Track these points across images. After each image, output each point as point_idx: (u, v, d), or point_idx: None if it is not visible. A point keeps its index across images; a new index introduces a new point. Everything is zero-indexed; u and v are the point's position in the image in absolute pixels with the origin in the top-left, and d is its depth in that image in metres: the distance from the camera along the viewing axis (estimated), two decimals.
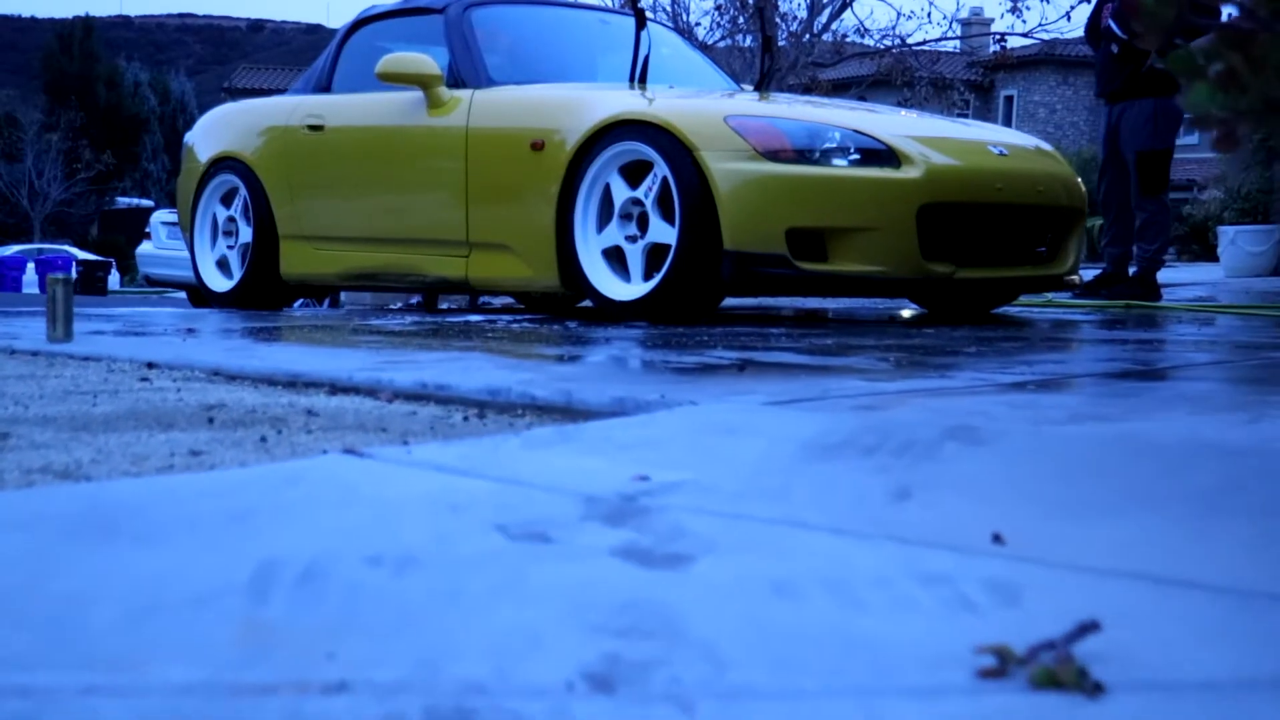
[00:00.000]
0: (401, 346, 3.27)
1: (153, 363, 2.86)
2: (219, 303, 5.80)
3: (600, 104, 4.56)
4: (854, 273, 4.17)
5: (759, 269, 4.15)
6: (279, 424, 2.07)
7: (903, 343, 3.48)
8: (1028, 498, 1.40)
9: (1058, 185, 4.58)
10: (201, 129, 6.19)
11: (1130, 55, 6.54)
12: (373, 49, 5.67)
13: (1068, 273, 4.62)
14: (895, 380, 2.52)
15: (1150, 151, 6.51)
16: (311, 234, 5.49)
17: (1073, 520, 1.30)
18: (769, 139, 4.20)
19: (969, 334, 3.87)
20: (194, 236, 5.94)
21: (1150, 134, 6.52)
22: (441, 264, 5.01)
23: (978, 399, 2.25)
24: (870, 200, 4.16)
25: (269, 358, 2.90)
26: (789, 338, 3.64)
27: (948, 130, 4.67)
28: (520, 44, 5.45)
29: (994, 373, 2.69)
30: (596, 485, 1.44)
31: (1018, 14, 15.78)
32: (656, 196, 4.34)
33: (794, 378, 2.56)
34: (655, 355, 3.03)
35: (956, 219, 4.30)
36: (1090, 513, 1.33)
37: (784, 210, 4.15)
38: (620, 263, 4.49)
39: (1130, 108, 6.59)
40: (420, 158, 5.08)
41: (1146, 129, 6.53)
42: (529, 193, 4.68)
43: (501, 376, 2.50)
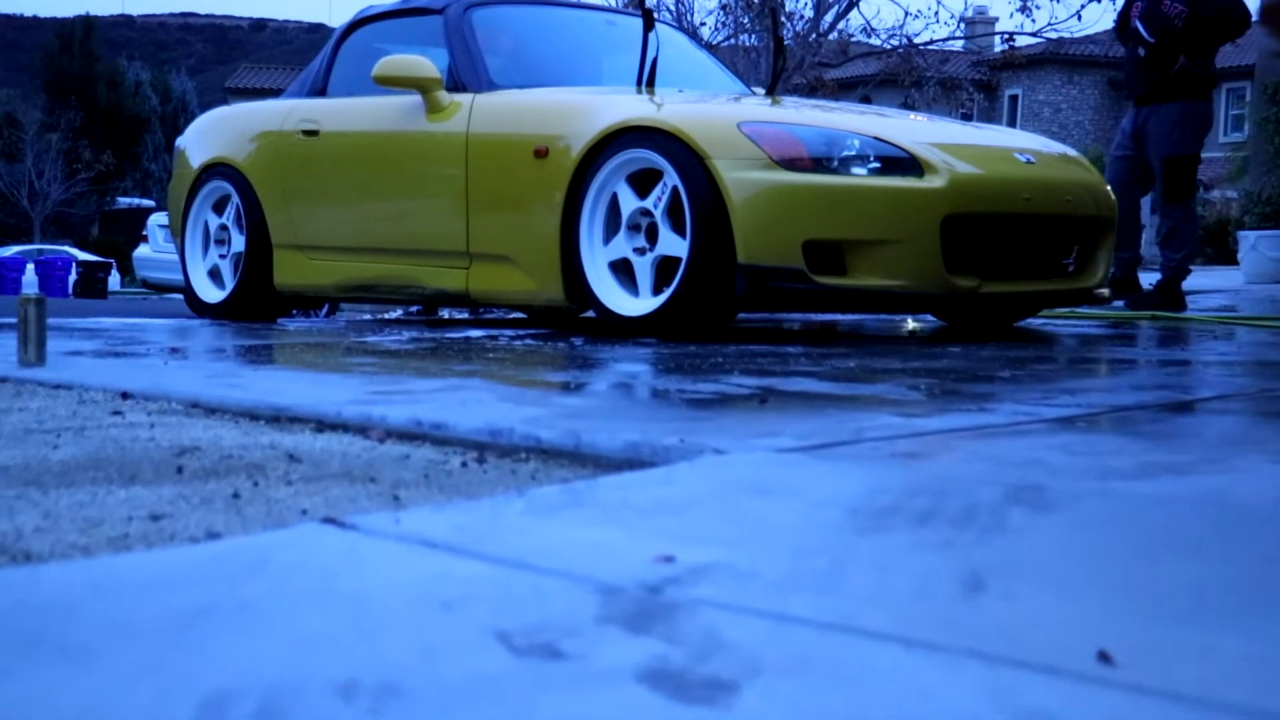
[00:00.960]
0: (397, 371, 3.07)
1: (128, 392, 2.65)
2: (211, 314, 5.60)
3: (607, 109, 4.35)
4: (874, 287, 3.96)
5: (775, 283, 3.95)
6: (256, 473, 1.87)
7: (930, 366, 3.27)
8: (1122, 589, 1.19)
9: (1086, 194, 4.37)
10: (193, 133, 5.99)
11: (1158, 58, 6.33)
12: (370, 51, 5.46)
13: (1096, 286, 4.40)
14: (932, 415, 2.31)
15: (1178, 157, 6.30)
16: (306, 243, 5.28)
17: (1187, 624, 1.09)
18: (785, 146, 3.99)
19: (997, 354, 3.66)
20: (185, 245, 5.74)
21: (1178, 139, 6.31)
22: (441, 275, 4.80)
23: (1029, 441, 2.04)
24: (891, 211, 3.95)
25: (253, 386, 2.69)
26: (808, 359, 3.43)
27: (971, 136, 4.46)
28: (523, 46, 5.24)
29: (1036, 404, 2.48)
30: (614, 569, 1.23)
31: (1027, 13, 15.60)
32: (666, 207, 4.13)
33: (821, 412, 2.35)
34: (668, 382, 2.82)
35: (982, 231, 4.09)
36: (1205, 612, 1.12)
37: (801, 222, 3.94)
38: (628, 276, 4.29)
39: (1157, 111, 6.37)
40: (418, 165, 4.88)
41: (1174, 134, 6.32)
42: (532, 202, 4.47)
43: (503, 412, 2.29)
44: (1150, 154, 6.39)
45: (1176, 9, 6.28)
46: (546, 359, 3.51)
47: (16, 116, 40.51)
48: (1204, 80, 6.32)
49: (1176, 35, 6.25)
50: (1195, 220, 6.53)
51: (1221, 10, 6.21)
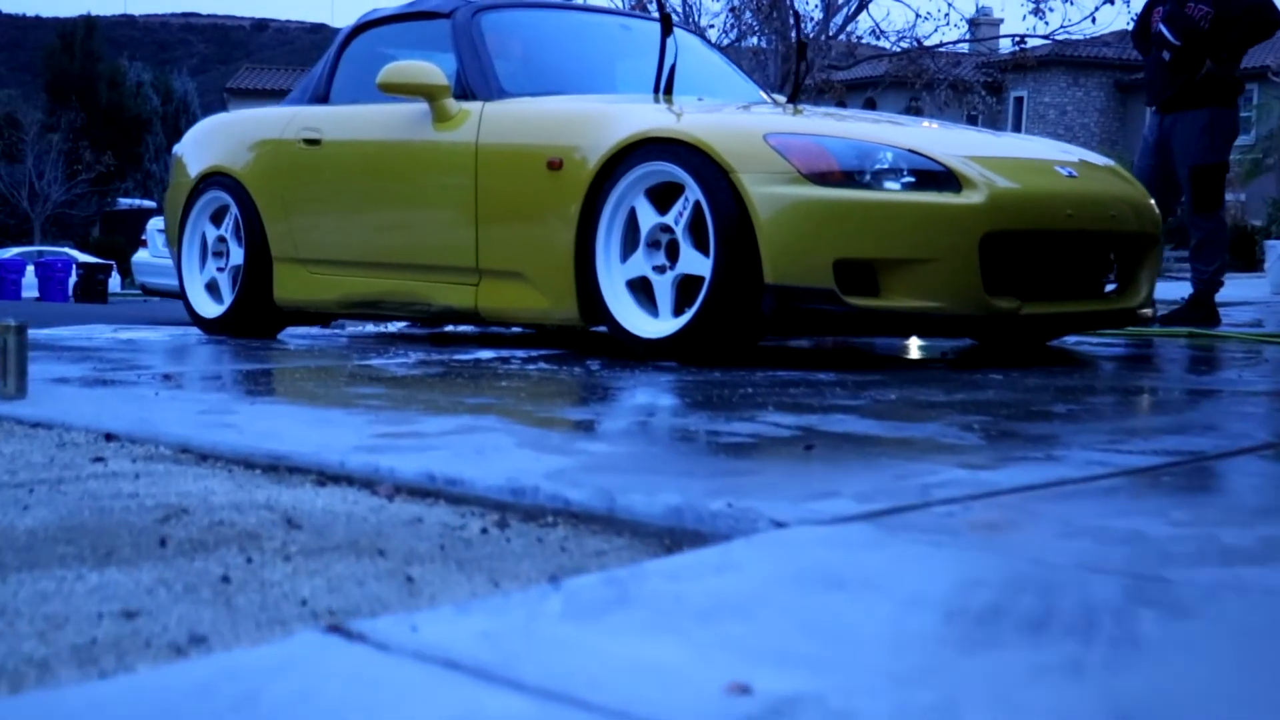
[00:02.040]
0: (404, 404, 2.84)
1: (112, 434, 2.43)
2: (208, 329, 5.37)
3: (624, 119, 4.13)
4: (909, 309, 3.73)
5: (804, 305, 3.72)
6: (250, 544, 1.64)
7: (976, 398, 3.05)
8: None
9: (1129, 209, 4.15)
10: (191, 140, 5.77)
11: (1183, 62, 6.10)
12: (374, 56, 5.24)
13: (1140, 305, 4.18)
14: (998, 465, 2.09)
15: (1205, 166, 6.07)
16: (307, 257, 5.06)
17: None
18: (814, 159, 3.77)
19: (1043, 382, 3.43)
20: (181, 257, 5.52)
21: (1205, 147, 6.08)
22: (448, 292, 4.58)
23: (1118, 504, 1.82)
24: (927, 228, 3.72)
25: (248, 427, 2.47)
26: (844, 390, 3.21)
27: (1008, 148, 4.23)
28: (534, 51, 5.01)
29: (1107, 449, 2.26)
30: (680, 706, 1.01)
31: (1040, 16, 15.38)
32: (688, 223, 3.91)
33: (875, 462, 2.13)
34: (699, 421, 2.59)
35: (1022, 249, 3.87)
36: None
37: (831, 239, 3.72)
38: (647, 294, 4.06)
39: (1183, 119, 6.14)
40: (425, 176, 4.65)
41: (1201, 141, 6.08)
42: (545, 216, 4.25)
43: (524, 462, 2.07)
44: (1176, 163, 6.16)
45: (1202, 10, 6.06)
46: (564, 389, 3.29)
47: (17, 117, 40.30)
48: (1231, 85, 6.09)
49: (1203, 38, 6.03)
50: (1225, 230, 6.30)
51: (1250, 10, 5.99)
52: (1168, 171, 6.20)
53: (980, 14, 22.26)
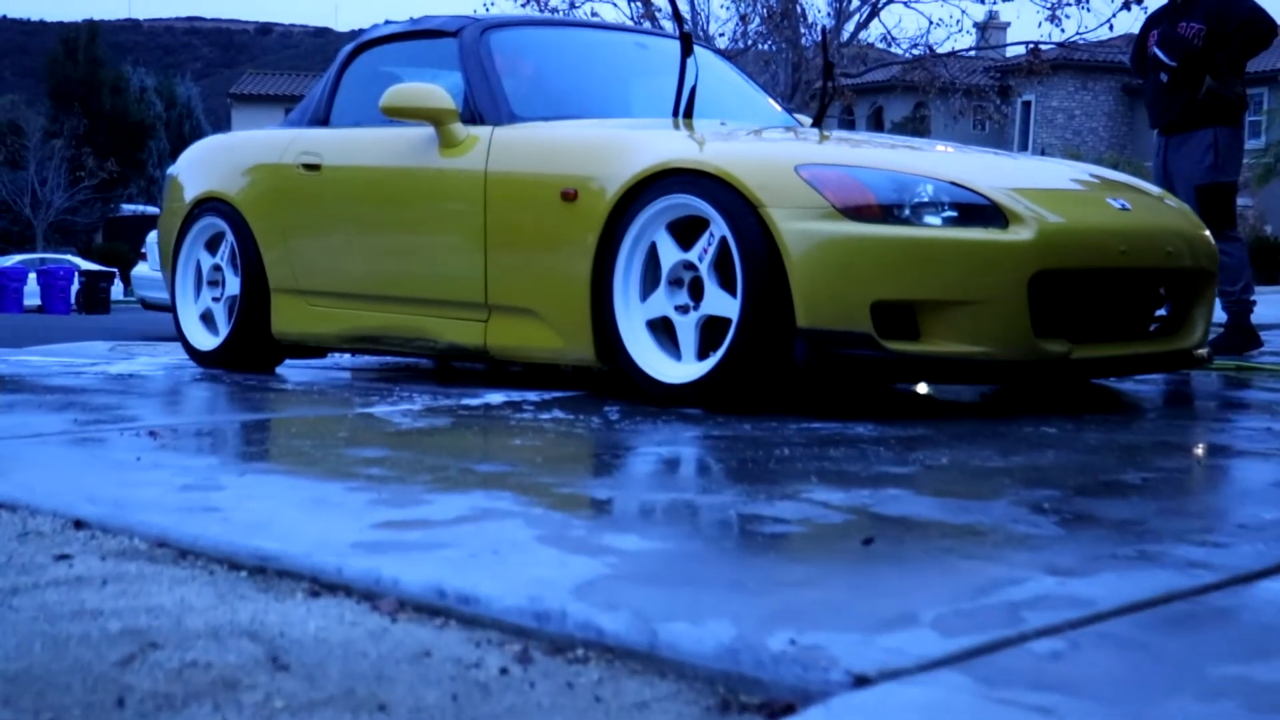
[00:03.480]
0: (410, 473, 2.57)
1: (83, 521, 2.17)
2: (203, 362, 5.12)
3: (644, 147, 3.87)
4: (953, 354, 3.47)
5: (839, 350, 3.46)
6: (227, 698, 1.38)
7: (1035, 462, 2.78)
8: None
9: (1184, 243, 3.88)
10: (186, 162, 5.51)
11: (1182, 83, 5.87)
12: (377, 76, 4.98)
13: (1195, 346, 3.90)
14: (1087, 568, 1.82)
15: (1212, 185, 5.82)
16: (307, 288, 4.80)
17: None
18: (849, 193, 3.50)
19: (1101, 438, 3.16)
20: (175, 285, 5.26)
21: (1211, 166, 5.83)
22: (455, 328, 4.31)
23: (1250, 636, 1.56)
24: (972, 268, 3.46)
25: (236, 509, 2.21)
26: (886, 448, 2.94)
27: (1056, 178, 3.97)
28: (546, 72, 4.75)
29: (1206, 543, 2.00)
30: None
31: (1056, 23, 15.13)
32: (714, 260, 3.64)
33: (945, 564, 1.86)
34: (738, 498, 2.33)
35: (1073, 288, 3.60)
36: None
37: (869, 279, 3.45)
38: (668, 334, 3.80)
39: (1188, 140, 5.90)
40: (431, 205, 4.39)
41: (1207, 160, 5.84)
42: (559, 250, 3.99)
43: (547, 567, 1.81)
44: (1179, 185, 5.91)
45: (1194, 28, 5.84)
46: (582, 450, 3.02)
47: (20, 124, 40.10)
48: (1234, 103, 5.85)
49: (1199, 56, 5.80)
50: (1243, 248, 6.05)
51: (1243, 24, 5.77)
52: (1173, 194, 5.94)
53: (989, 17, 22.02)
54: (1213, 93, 5.79)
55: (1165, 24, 5.96)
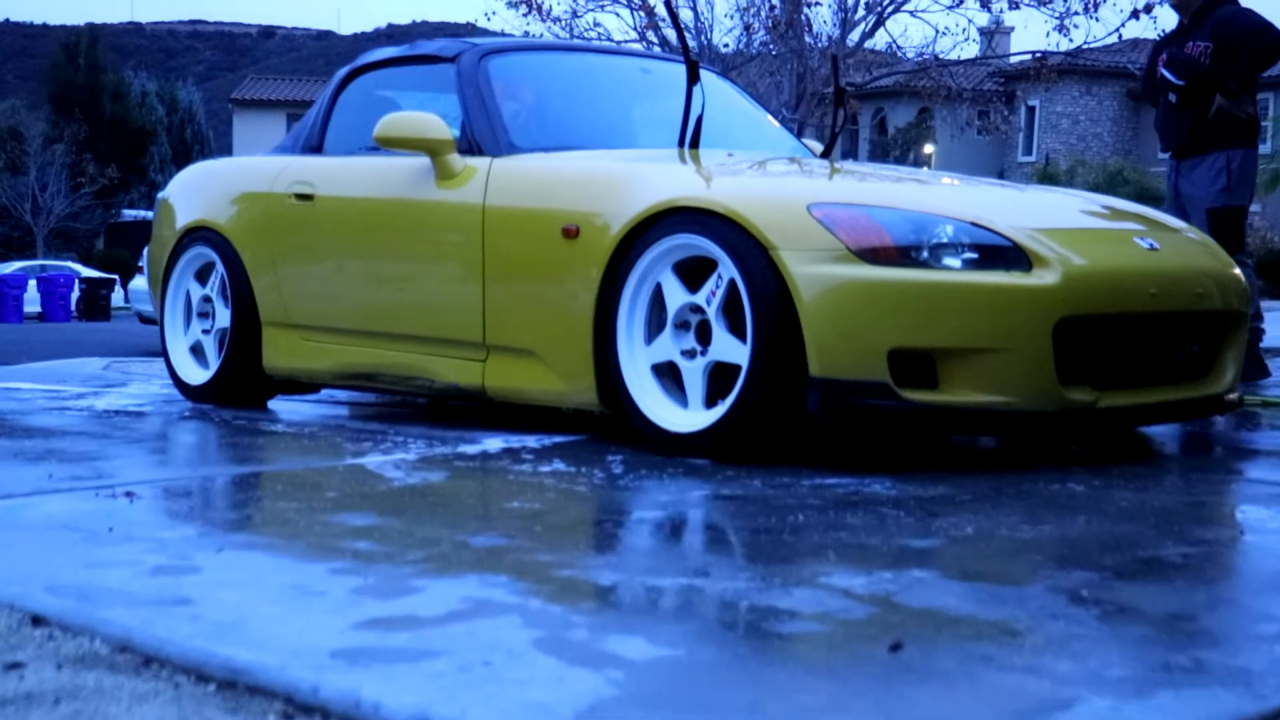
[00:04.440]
0: (400, 549, 2.40)
1: (41, 617, 2.00)
2: (192, 397, 4.95)
3: (649, 183, 3.70)
4: (974, 405, 3.30)
5: (855, 400, 3.29)
6: None
7: (1065, 532, 2.61)
8: None
9: (1214, 284, 3.71)
10: (178, 187, 5.35)
11: (1191, 101, 5.70)
12: (372, 101, 4.82)
13: (1227, 390, 3.73)
14: (1141, 687, 1.66)
15: (1224, 209, 5.65)
16: (299, 322, 4.63)
17: None
18: (864, 234, 3.34)
19: (1132, 498, 2.99)
20: (164, 316, 5.09)
21: (1223, 190, 5.65)
22: (453, 368, 4.15)
23: None
24: (995, 314, 3.29)
25: (209, 603, 2.04)
26: (906, 511, 2.78)
27: (1078, 214, 3.80)
28: (547, 100, 4.58)
29: (1268, 645, 1.83)
30: None
31: (1064, 32, 14.96)
32: (722, 304, 3.48)
33: (982, 678, 1.70)
34: (752, 586, 2.16)
35: (1100, 334, 3.43)
36: None
37: (885, 325, 3.28)
38: (674, 379, 3.63)
39: (1200, 163, 5.72)
40: (427, 239, 4.23)
41: (1219, 183, 5.66)
42: (560, 289, 3.82)
43: (545, 686, 1.64)
44: (1190, 207, 5.73)
45: (1200, 46, 5.68)
46: (584, 515, 2.85)
47: (20, 130, 39.97)
48: (1246, 123, 5.67)
49: (1206, 74, 5.63)
50: (1253, 273, 5.87)
51: (1250, 38, 5.60)
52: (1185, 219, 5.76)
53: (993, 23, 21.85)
54: (1223, 112, 5.63)
55: (1174, 46, 5.79)
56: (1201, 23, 5.72)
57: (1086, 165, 37.44)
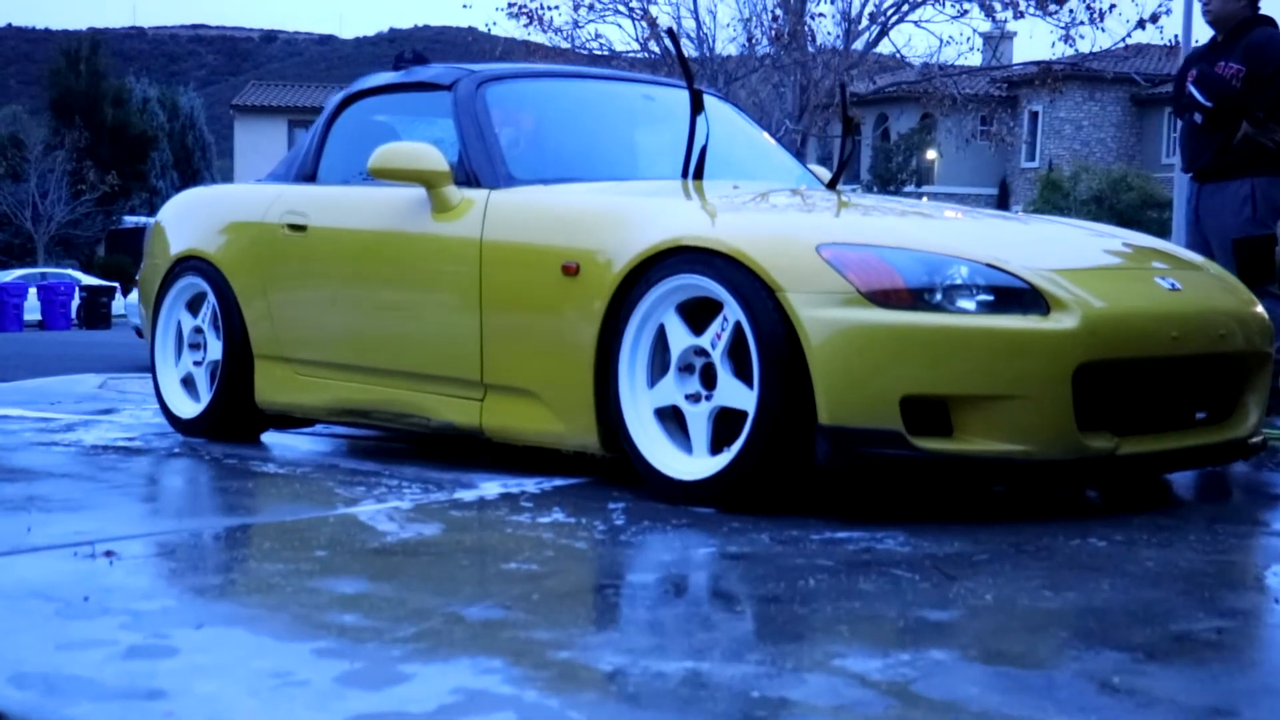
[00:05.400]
0: (389, 625, 2.28)
1: (4, 716, 1.87)
2: (184, 431, 4.82)
3: (652, 220, 3.58)
4: (989, 454, 3.17)
5: (866, 449, 3.16)
6: None
7: (1090, 600, 2.48)
8: None
9: (1237, 324, 3.58)
10: (171, 212, 5.22)
11: (1218, 124, 5.51)
12: (367, 127, 4.70)
13: (1250, 435, 3.60)
14: None
15: (1250, 239, 5.47)
16: (292, 356, 4.51)
17: None
18: (875, 276, 3.21)
19: (1158, 558, 2.86)
20: (155, 347, 4.97)
21: (1249, 219, 5.46)
22: (450, 406, 4.02)
23: None
24: (1011, 359, 3.16)
25: (183, 694, 1.91)
26: (921, 574, 2.65)
27: (1098, 253, 3.67)
28: (546, 130, 4.45)
29: None
30: None
31: (1070, 42, 14.83)
32: (727, 347, 3.35)
33: None
34: (761, 667, 2.04)
35: (1121, 380, 3.30)
36: None
37: (897, 372, 3.16)
38: (678, 422, 3.51)
39: (1223, 189, 5.54)
40: (422, 273, 4.10)
41: (1244, 212, 5.47)
42: (559, 328, 3.70)
43: None
44: (1212, 234, 5.56)
45: (1233, 69, 5.47)
46: (584, 579, 2.73)
47: (21, 138, 39.86)
48: (1273, 152, 5.49)
49: (1236, 97, 5.44)
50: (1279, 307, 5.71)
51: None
52: (1206, 246, 5.60)
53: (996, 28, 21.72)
54: (1249, 139, 5.46)
55: (1205, 62, 5.60)
56: (1236, 43, 5.50)
57: (1090, 171, 37.29)
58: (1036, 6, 15.01)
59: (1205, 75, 5.51)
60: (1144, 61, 35.28)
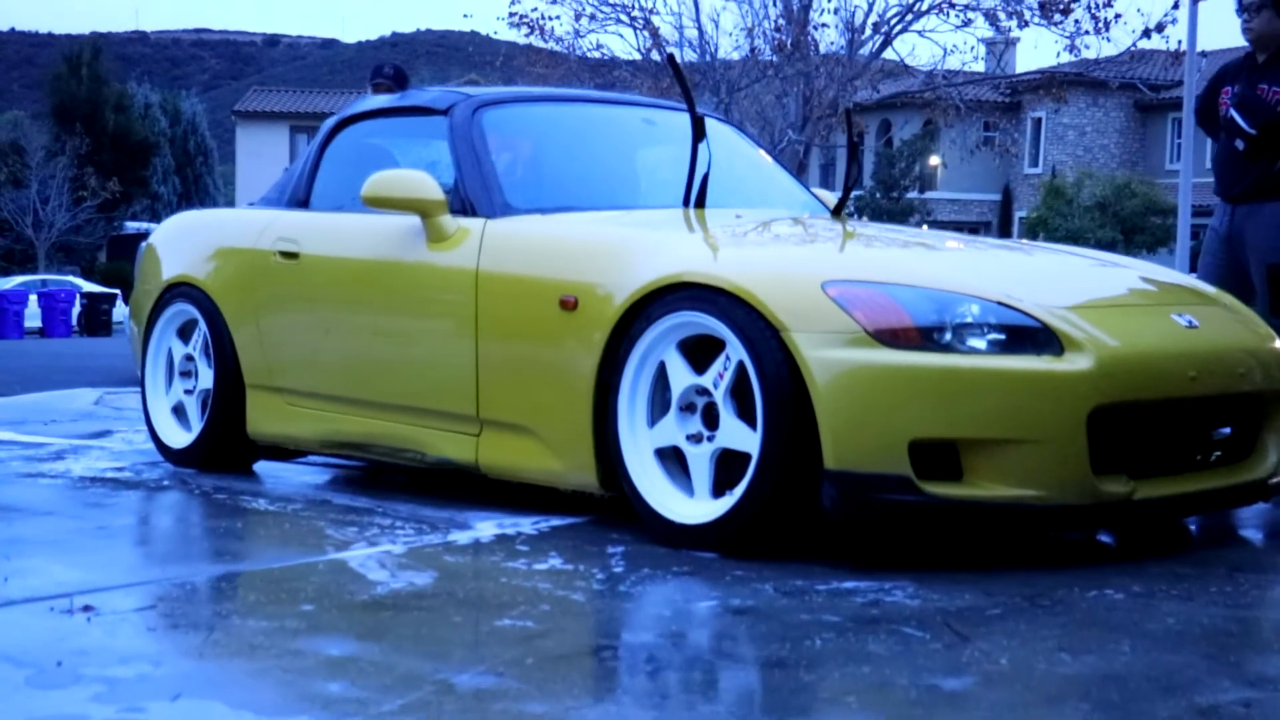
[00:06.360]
0: (375, 696, 2.17)
1: None
2: (174, 460, 4.72)
3: (652, 253, 3.47)
4: (1001, 499, 3.07)
5: (874, 494, 3.06)
6: None
7: (1110, 664, 2.37)
8: None
9: (1255, 362, 3.47)
10: (164, 235, 5.11)
11: (1259, 151, 5.34)
12: (362, 151, 4.59)
13: (1270, 475, 3.49)
14: None
15: None
16: (284, 386, 4.40)
17: None
18: (883, 314, 3.11)
19: (1178, 612, 2.75)
20: (145, 375, 4.86)
21: None
22: (445, 441, 3.91)
23: None
24: (1024, 402, 3.06)
25: None
26: (932, 632, 2.54)
27: (1112, 288, 3.57)
28: (545, 156, 4.35)
29: None
30: None
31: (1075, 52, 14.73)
32: (730, 386, 3.24)
33: None
34: None
35: (1137, 422, 3.19)
36: None
37: (906, 415, 3.05)
38: (679, 462, 3.40)
39: (1258, 212, 5.36)
40: (417, 304, 4.00)
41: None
42: (557, 364, 3.59)
43: None
44: (1249, 260, 5.41)
45: (1277, 94, 5.31)
46: (580, 640, 2.61)
47: (21, 145, 39.77)
48: None
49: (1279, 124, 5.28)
50: None
51: None
52: (1239, 268, 5.45)
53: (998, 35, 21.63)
54: None
55: (1243, 83, 5.41)
56: (1276, 65, 5.34)
57: (1094, 177, 37.17)
58: (1041, 16, 14.94)
59: (1248, 100, 5.33)
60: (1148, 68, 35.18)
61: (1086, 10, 14.83)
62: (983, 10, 15.32)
